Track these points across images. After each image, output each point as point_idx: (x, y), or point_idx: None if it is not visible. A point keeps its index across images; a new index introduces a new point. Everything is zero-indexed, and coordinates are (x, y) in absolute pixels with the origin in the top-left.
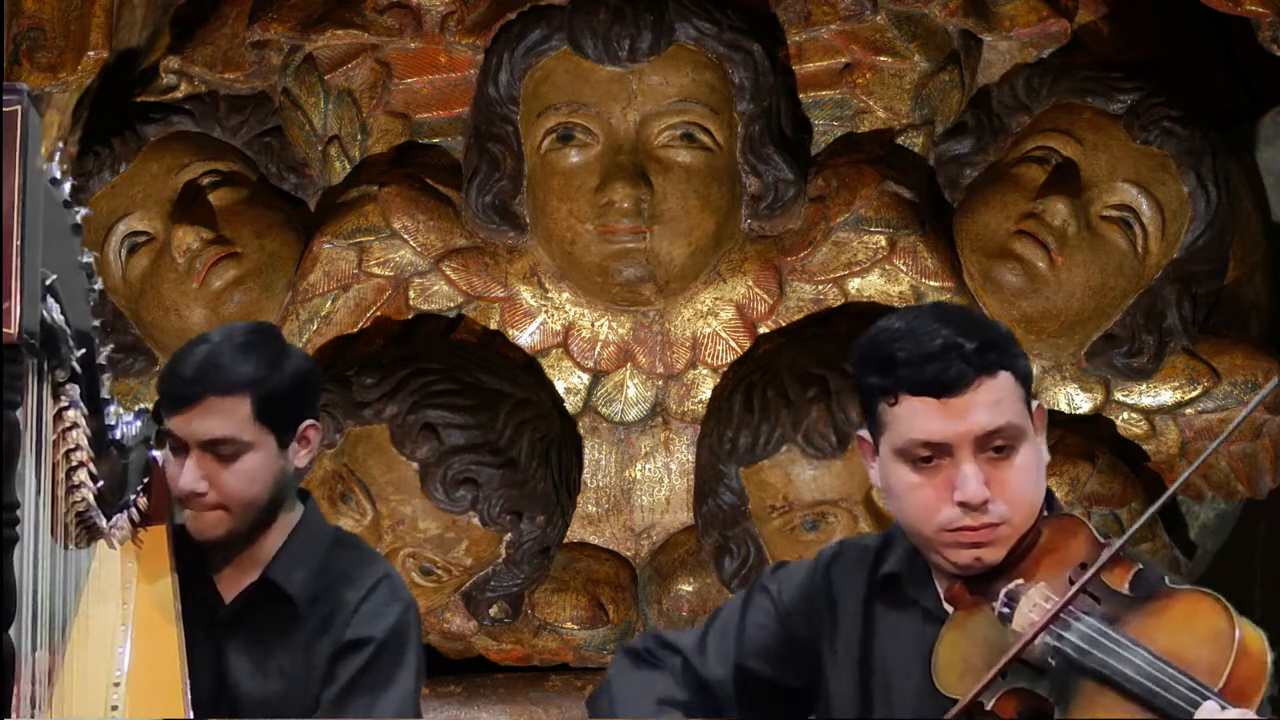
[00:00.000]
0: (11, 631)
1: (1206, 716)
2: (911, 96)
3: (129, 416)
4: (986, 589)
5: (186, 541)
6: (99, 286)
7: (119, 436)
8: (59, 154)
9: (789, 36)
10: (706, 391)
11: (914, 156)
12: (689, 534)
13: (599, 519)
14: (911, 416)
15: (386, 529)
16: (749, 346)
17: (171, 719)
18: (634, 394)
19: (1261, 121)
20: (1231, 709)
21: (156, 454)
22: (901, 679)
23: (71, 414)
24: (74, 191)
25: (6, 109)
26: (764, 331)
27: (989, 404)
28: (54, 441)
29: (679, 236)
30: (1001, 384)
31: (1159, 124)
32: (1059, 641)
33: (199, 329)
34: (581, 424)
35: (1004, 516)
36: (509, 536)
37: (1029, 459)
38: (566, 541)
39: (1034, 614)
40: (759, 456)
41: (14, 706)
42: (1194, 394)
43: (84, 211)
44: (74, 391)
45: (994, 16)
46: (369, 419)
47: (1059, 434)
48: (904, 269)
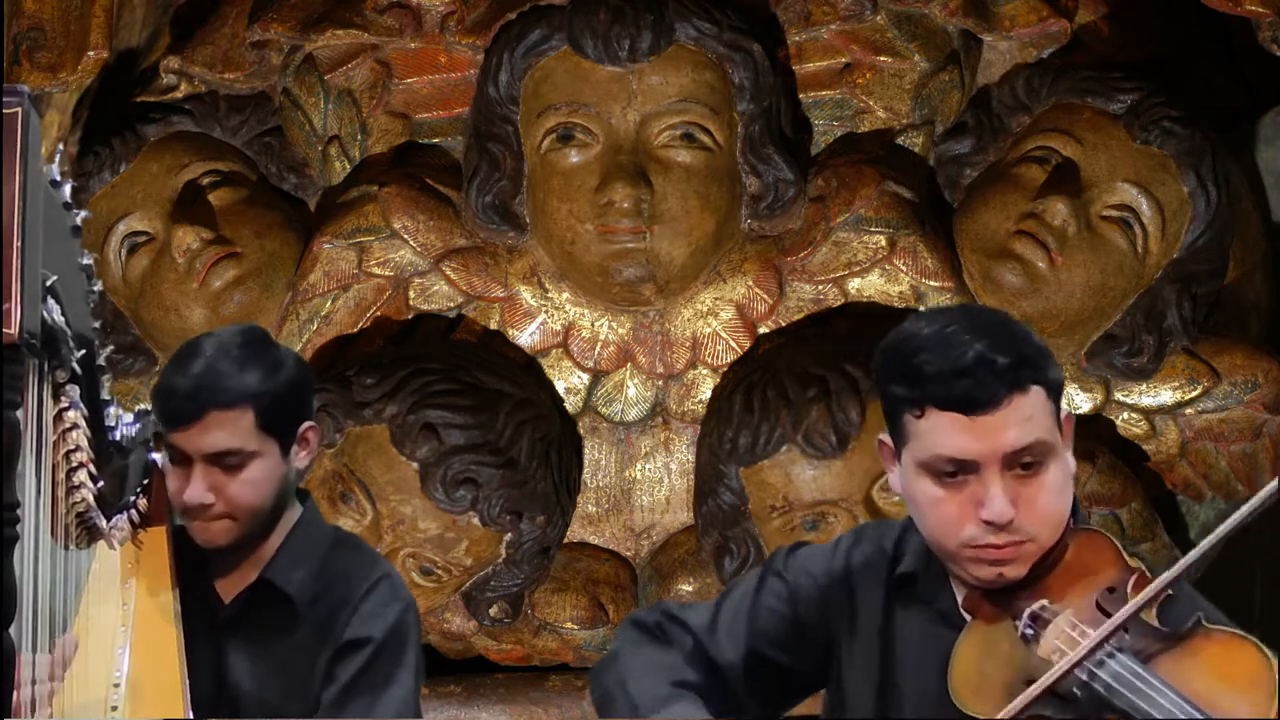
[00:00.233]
0: (11, 631)
1: None
2: (911, 96)
3: (129, 418)
4: (1007, 601)
5: (186, 543)
6: (99, 288)
7: (119, 438)
8: (59, 155)
9: (789, 36)
10: (706, 391)
11: (914, 156)
12: (689, 534)
13: (599, 519)
14: (938, 431)
15: (386, 529)
16: (749, 346)
17: None
18: (634, 394)
19: (1261, 121)
20: None
21: (156, 456)
22: (914, 679)
23: (72, 415)
24: (74, 192)
25: (7, 111)
26: (764, 331)
27: (1020, 421)
28: (54, 442)
29: (679, 237)
30: (1033, 399)
31: (1159, 124)
32: (1090, 678)
33: (199, 329)
34: (581, 424)
35: (1030, 534)
36: (509, 536)
37: (1057, 475)
38: (566, 541)
39: (1059, 641)
40: (759, 457)
41: (13, 707)
42: (1194, 394)
43: (84, 214)
44: (74, 392)
45: (994, 16)
46: (369, 419)
47: None
48: (904, 269)
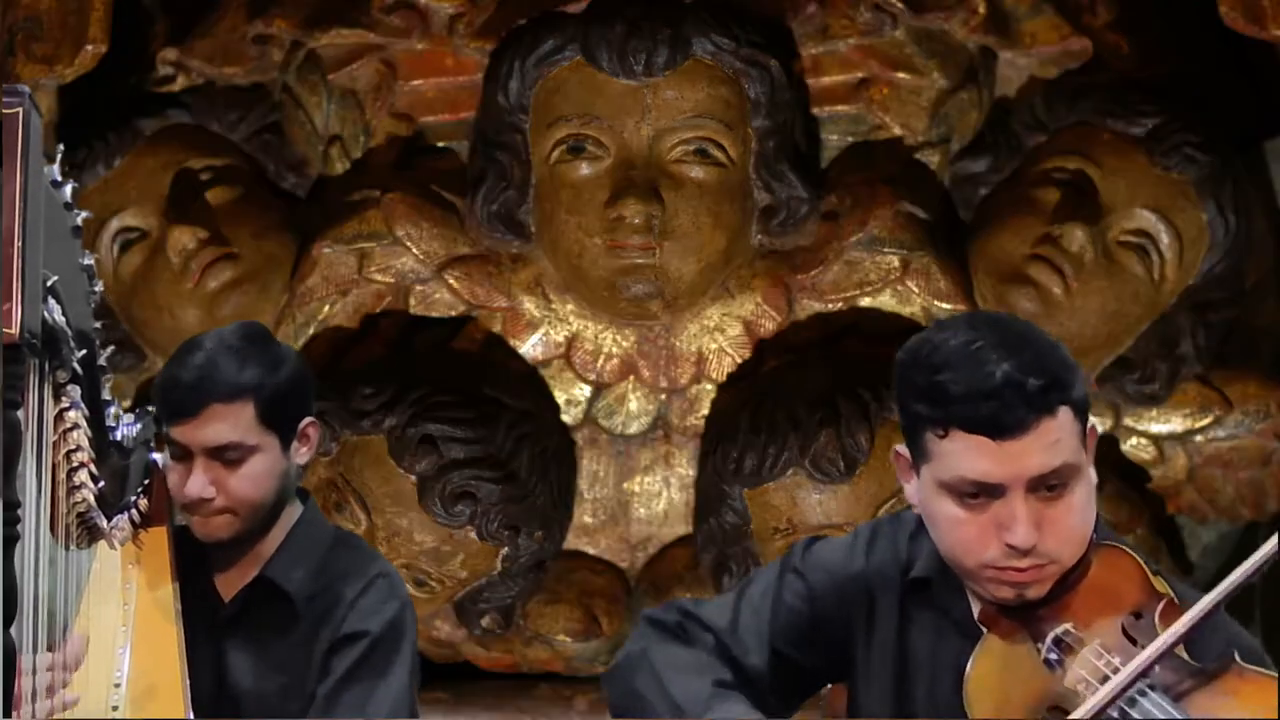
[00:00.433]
0: (12, 631)
1: None
2: (929, 114)
3: (129, 418)
4: (1026, 619)
5: (187, 542)
6: (100, 288)
7: (119, 438)
8: (59, 156)
9: (806, 49)
10: (709, 407)
11: (928, 174)
12: (685, 547)
13: (595, 530)
14: (962, 453)
15: (381, 540)
16: (755, 363)
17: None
18: (635, 407)
19: (1276, 141)
20: None
21: (157, 456)
22: (927, 688)
23: (72, 415)
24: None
25: (7, 111)
26: (771, 349)
27: (1047, 446)
28: (55, 442)
29: (689, 253)
30: (1060, 421)
31: (1180, 150)
32: (1120, 716)
33: (192, 330)
34: (581, 435)
35: (1053, 556)
36: (506, 550)
37: (1082, 495)
38: (561, 551)
39: (1086, 672)
40: (765, 479)
41: (15, 706)
42: (1205, 422)
43: (84, 214)
44: (75, 392)
45: (1015, 33)
46: (366, 429)
47: None
48: (916, 290)
